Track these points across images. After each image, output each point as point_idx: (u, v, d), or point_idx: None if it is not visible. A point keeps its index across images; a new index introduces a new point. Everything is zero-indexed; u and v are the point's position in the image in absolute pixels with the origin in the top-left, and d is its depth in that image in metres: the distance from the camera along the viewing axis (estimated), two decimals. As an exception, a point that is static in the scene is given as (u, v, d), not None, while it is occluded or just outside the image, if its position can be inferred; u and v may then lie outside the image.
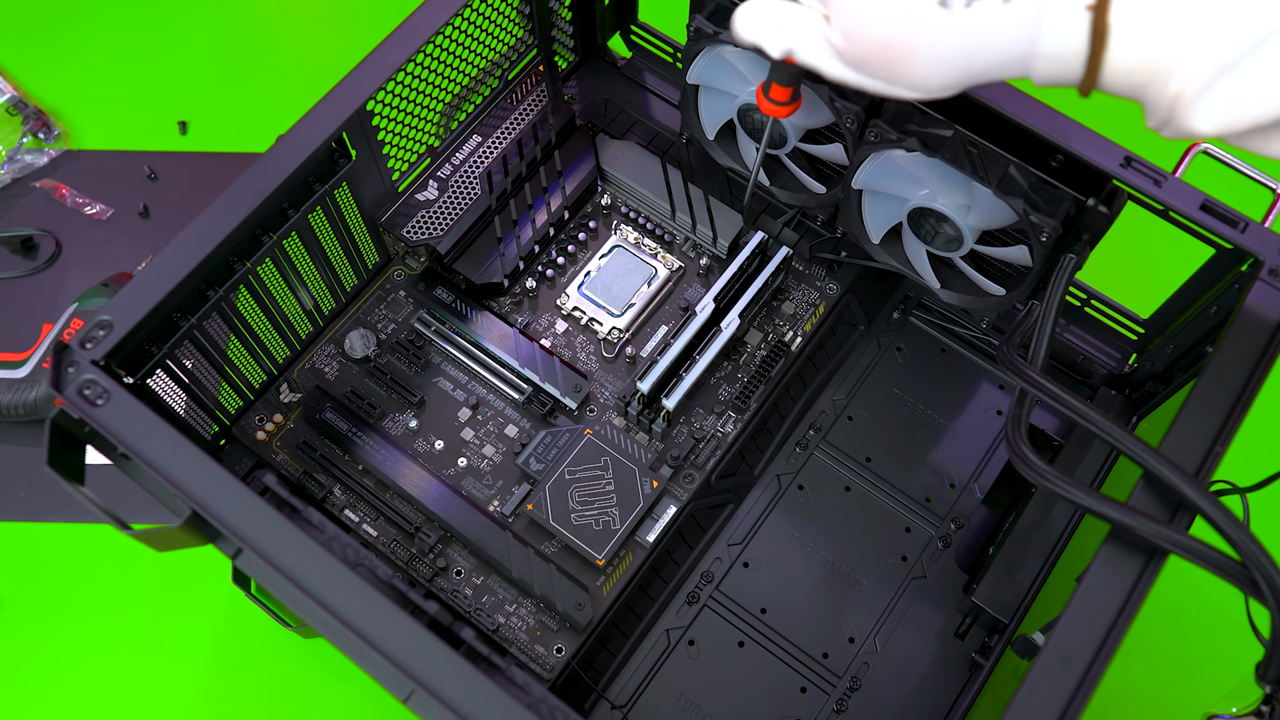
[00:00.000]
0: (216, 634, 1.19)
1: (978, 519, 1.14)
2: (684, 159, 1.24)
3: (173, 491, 0.79)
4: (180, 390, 0.99)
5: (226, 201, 0.94)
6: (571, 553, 1.05)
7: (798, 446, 1.15)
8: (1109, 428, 0.79)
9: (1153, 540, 0.76)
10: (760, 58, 1.04)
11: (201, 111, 1.47)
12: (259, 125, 1.46)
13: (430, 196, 1.14)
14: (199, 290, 0.96)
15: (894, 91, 0.71)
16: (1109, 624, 0.77)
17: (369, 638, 0.75)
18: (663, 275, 1.17)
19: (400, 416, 1.11)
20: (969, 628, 1.07)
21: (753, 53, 1.04)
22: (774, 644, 1.08)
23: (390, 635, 0.76)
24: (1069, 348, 1.16)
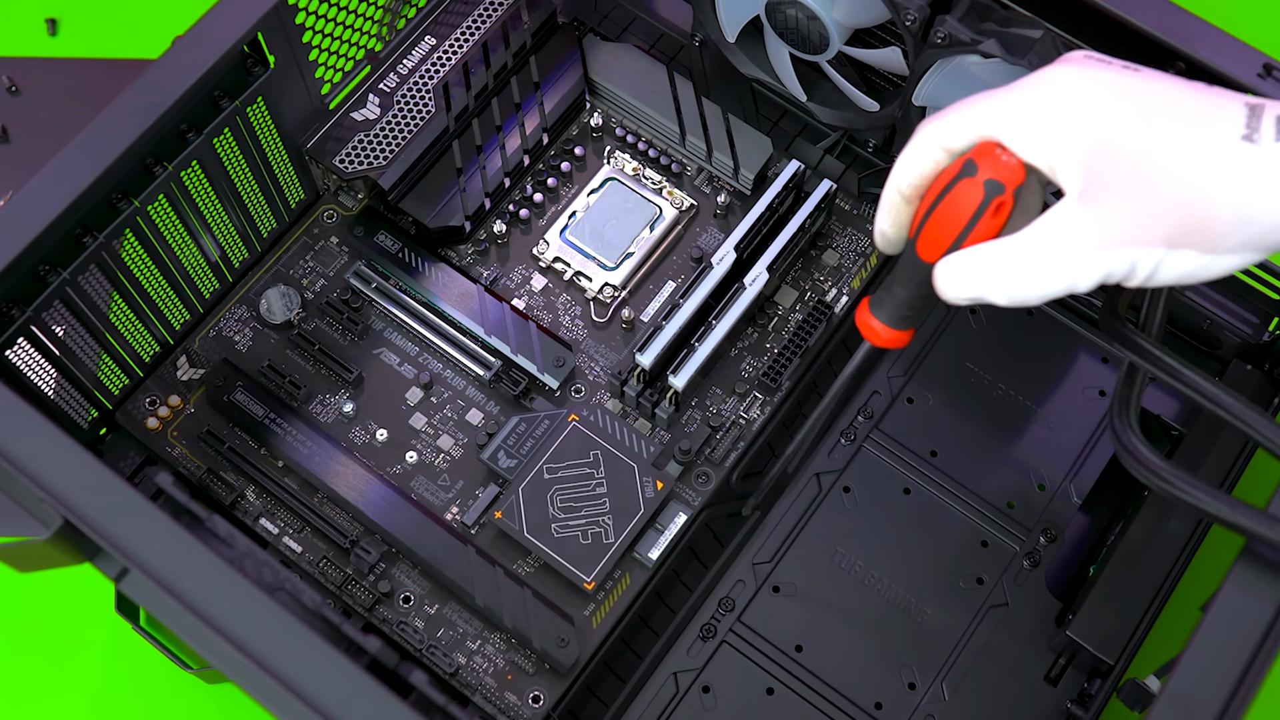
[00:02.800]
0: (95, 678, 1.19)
1: (1074, 530, 1.14)
2: (697, 66, 1.24)
3: (38, 495, 0.79)
4: (49, 365, 0.99)
5: (108, 122, 0.93)
6: (552, 574, 1.05)
7: (843, 438, 1.15)
8: (1244, 413, 0.79)
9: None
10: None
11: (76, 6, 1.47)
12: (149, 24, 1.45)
13: (370, 116, 1.13)
14: (73, 236, 0.96)
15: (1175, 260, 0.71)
16: (1243, 666, 0.76)
17: (291, 683, 0.75)
18: (669, 217, 1.17)
19: (332, 399, 1.11)
20: (1063, 670, 1.07)
21: None
22: (812, 691, 1.08)
23: (319, 680, 0.75)
24: (1192, 310, 1.16)
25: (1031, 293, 0.74)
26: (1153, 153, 0.70)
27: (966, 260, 0.76)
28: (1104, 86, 0.72)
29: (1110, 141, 0.71)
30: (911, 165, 0.78)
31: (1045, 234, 0.73)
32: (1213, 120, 0.69)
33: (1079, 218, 0.72)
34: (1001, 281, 0.75)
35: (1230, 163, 0.68)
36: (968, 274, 0.76)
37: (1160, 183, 0.69)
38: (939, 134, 0.77)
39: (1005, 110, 0.74)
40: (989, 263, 0.75)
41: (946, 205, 0.76)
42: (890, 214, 0.81)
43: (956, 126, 0.76)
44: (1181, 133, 0.69)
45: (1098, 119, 0.71)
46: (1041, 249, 0.73)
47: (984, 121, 0.75)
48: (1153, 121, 0.70)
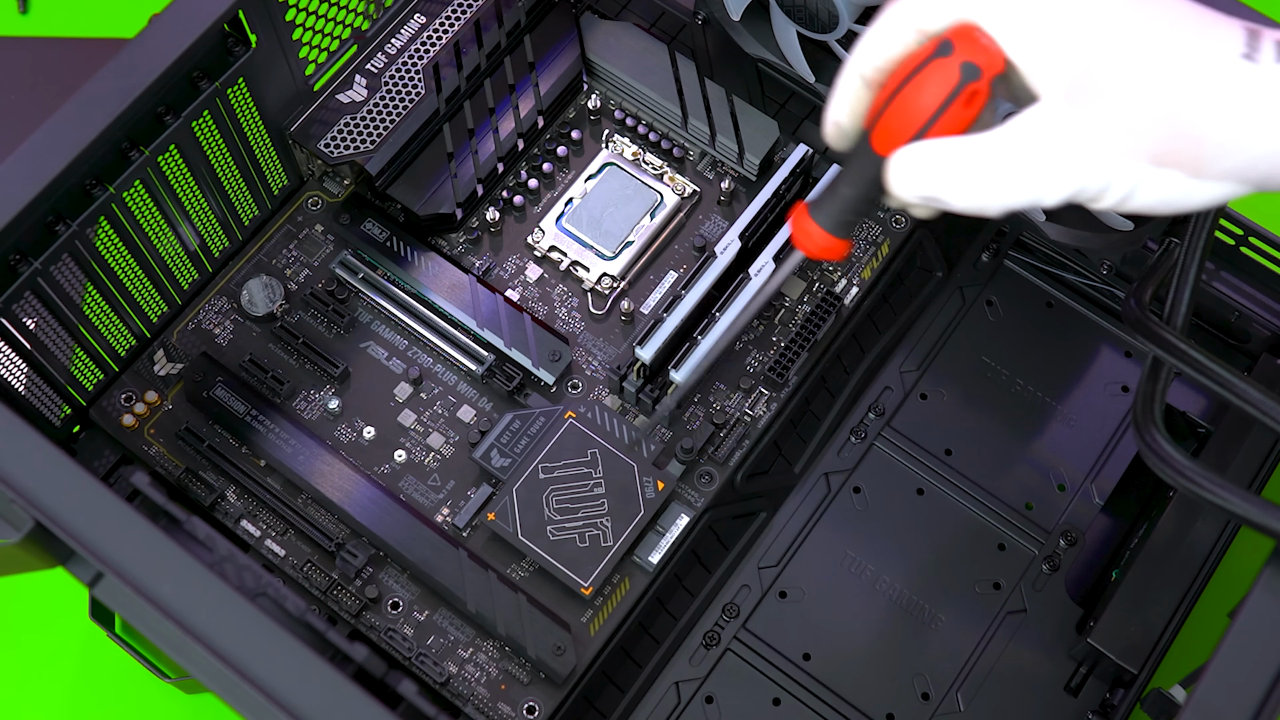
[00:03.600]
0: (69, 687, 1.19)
1: (1096, 533, 1.14)
2: (700, 46, 1.24)
3: (8, 496, 0.79)
4: (19, 359, 0.99)
5: (81, 104, 0.93)
6: (548, 578, 1.05)
7: (853, 435, 1.15)
8: (1274, 409, 0.79)
9: (1333, 562, 0.76)
10: None
11: (47, -18, 1.47)
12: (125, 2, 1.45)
13: (357, 98, 1.13)
14: (44, 224, 0.96)
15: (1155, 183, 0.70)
16: (1273, 676, 0.76)
17: (273, 693, 0.75)
18: (670, 204, 1.17)
19: (316, 395, 1.11)
20: (1084, 679, 1.08)
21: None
22: (821, 701, 1.08)
23: (303, 690, 0.75)
24: (1220, 302, 1.16)
25: (992, 198, 0.71)
26: (1149, 59, 0.68)
27: (927, 152, 0.72)
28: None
29: (1104, 43, 0.69)
30: (878, 45, 0.74)
31: (1020, 132, 0.70)
32: (1213, 35, 0.69)
33: (1060, 118, 0.69)
34: (961, 180, 0.71)
35: (1229, 79, 0.67)
36: (926, 168, 0.72)
37: (1154, 91, 0.68)
38: (914, 10, 0.73)
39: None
40: (951, 157, 0.71)
41: (912, 89, 0.72)
42: (847, 101, 0.76)
43: (936, 5, 0.72)
44: (1181, 42, 0.68)
45: (1094, 15, 0.69)
46: (1012, 148, 0.70)
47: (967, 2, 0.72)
48: (1152, 26, 0.69)
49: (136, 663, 1.09)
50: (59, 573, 0.85)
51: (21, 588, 1.21)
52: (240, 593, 0.77)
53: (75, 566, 0.83)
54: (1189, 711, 0.76)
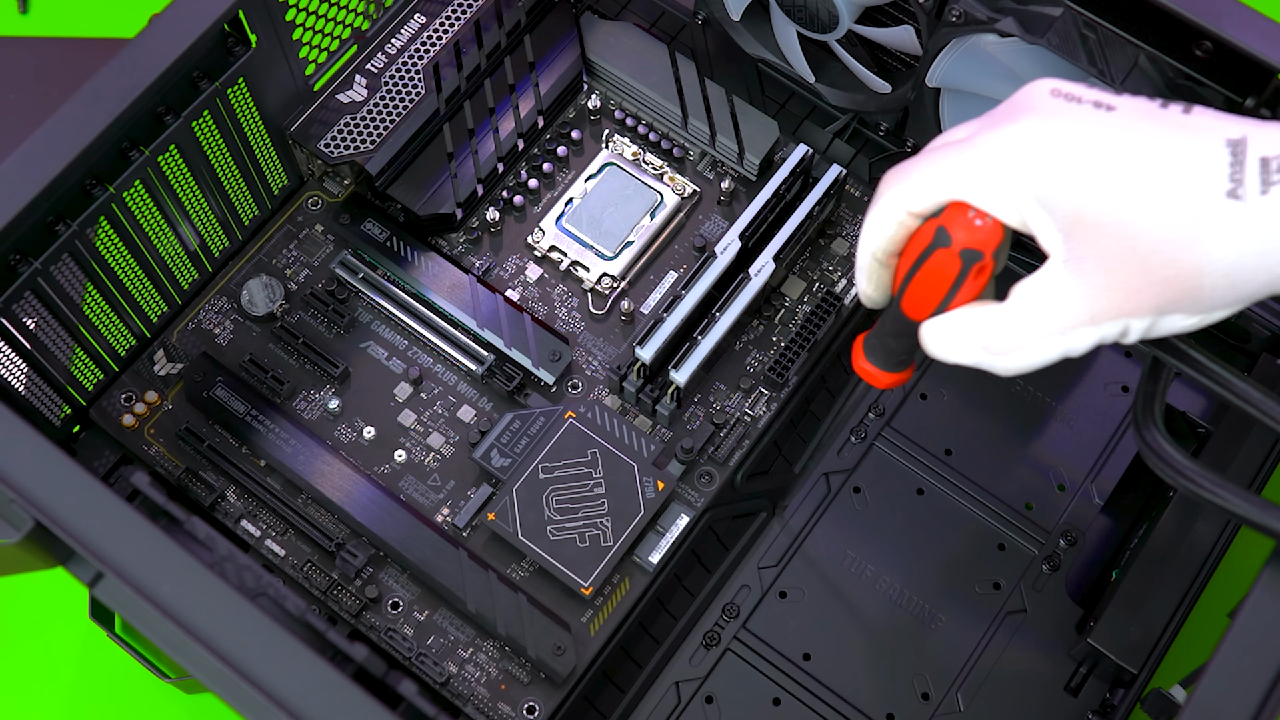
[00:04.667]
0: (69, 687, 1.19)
1: (1096, 533, 1.14)
2: (700, 46, 1.24)
3: (8, 496, 0.79)
4: (20, 359, 0.99)
5: (82, 104, 0.93)
6: (548, 578, 1.05)
7: (853, 435, 1.15)
8: (1274, 409, 0.79)
9: (1332, 562, 0.76)
10: None
11: (47, -18, 1.47)
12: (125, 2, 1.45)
13: (357, 98, 1.13)
14: (45, 224, 0.96)
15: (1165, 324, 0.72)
16: (1273, 675, 0.76)
17: (273, 693, 0.75)
18: (671, 204, 1.17)
19: (316, 394, 1.11)
20: (1084, 679, 1.08)
21: None
22: (821, 701, 1.08)
23: (303, 690, 0.75)
24: (1220, 302, 1.16)
25: (1024, 362, 0.75)
26: (1136, 224, 0.69)
27: (953, 325, 0.76)
28: (1073, 140, 0.71)
29: (1088, 209, 0.70)
30: (880, 231, 0.78)
31: (1034, 305, 0.73)
32: (1196, 176, 0.69)
33: (1066, 290, 0.72)
34: (993, 351, 0.75)
35: (1218, 227, 0.68)
36: (956, 340, 0.76)
37: (1148, 257, 0.69)
38: (903, 199, 0.76)
39: (969, 170, 0.74)
40: (977, 329, 0.75)
41: (925, 274, 0.76)
42: (868, 277, 0.81)
43: (920, 190, 0.75)
44: (1164, 197, 0.69)
45: (1071, 183, 0.70)
46: (1031, 320, 0.73)
47: (948, 184, 0.74)
48: (1132, 186, 0.69)
49: (136, 663, 1.09)
50: (59, 573, 0.86)
51: (21, 588, 1.21)
52: (240, 593, 0.77)
53: (75, 566, 0.83)
54: (1189, 711, 0.76)
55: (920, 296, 0.77)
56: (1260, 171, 0.67)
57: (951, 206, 0.74)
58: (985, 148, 0.73)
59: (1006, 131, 0.73)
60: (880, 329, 0.83)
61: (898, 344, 0.81)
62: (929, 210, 0.75)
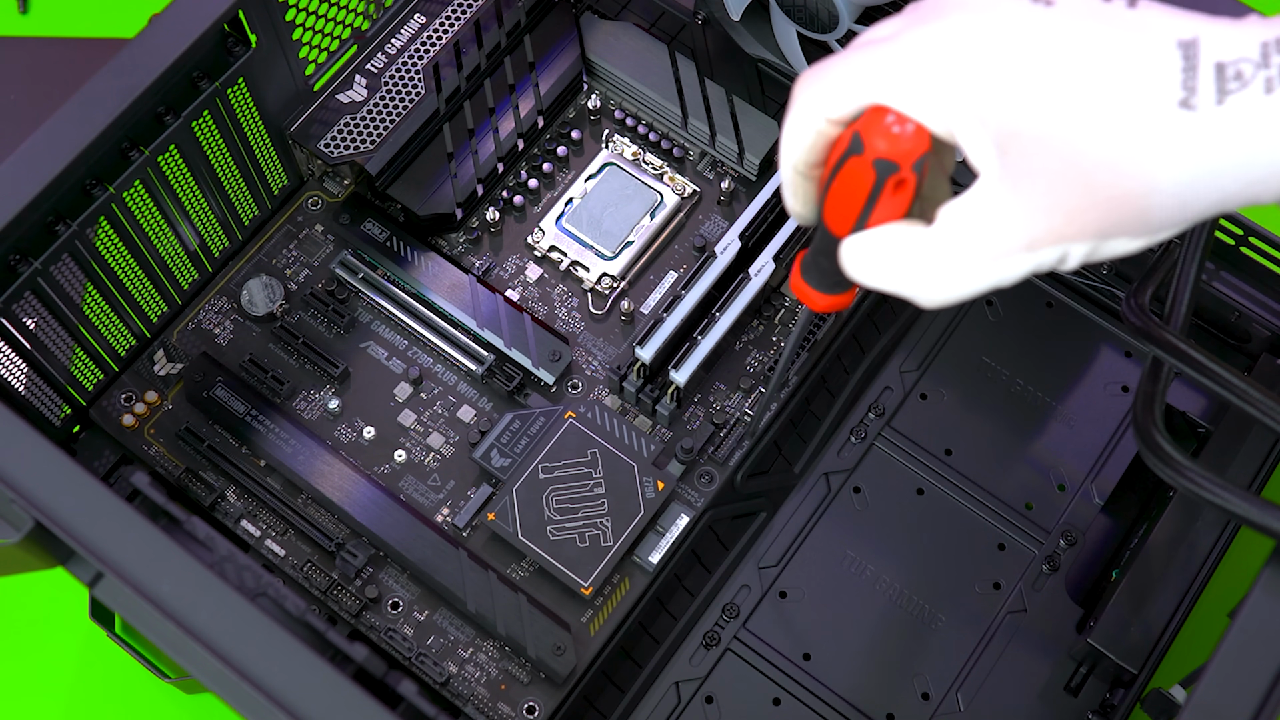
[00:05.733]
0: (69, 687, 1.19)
1: (1096, 533, 1.14)
2: (700, 46, 1.24)
3: (9, 496, 0.79)
4: (20, 359, 0.99)
5: (81, 104, 0.93)
6: (548, 578, 1.05)
7: (853, 435, 1.15)
8: (1274, 409, 0.79)
9: (1332, 562, 0.76)
10: None
11: (47, -18, 1.47)
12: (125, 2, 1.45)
13: (357, 98, 1.13)
14: (44, 224, 0.96)
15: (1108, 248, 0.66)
16: (1273, 675, 0.76)
17: (273, 693, 0.75)
18: (670, 204, 1.17)
19: (316, 394, 1.11)
20: (1084, 679, 1.08)
21: None
22: (821, 701, 1.08)
23: (303, 690, 0.75)
24: (1220, 302, 1.16)
25: (951, 293, 0.68)
26: (1079, 138, 0.64)
27: (871, 245, 0.70)
28: (1008, 41, 0.65)
29: (1025, 119, 0.64)
30: (797, 140, 0.71)
31: (962, 228, 0.67)
32: (1145, 84, 0.63)
33: (1001, 210, 0.65)
34: (914, 276, 0.69)
35: (1169, 142, 0.62)
36: (874, 262, 0.70)
37: (1091, 174, 0.64)
38: (819, 103, 0.69)
39: (890, 69, 0.67)
40: (897, 251, 0.69)
41: (839, 185, 0.69)
42: (792, 190, 0.74)
43: (836, 93, 0.69)
44: (1110, 108, 0.63)
45: (1006, 91, 0.64)
46: (959, 245, 0.67)
47: (870, 86, 0.68)
48: (1074, 95, 0.64)
49: (136, 663, 1.09)
50: (59, 573, 0.85)
51: (21, 588, 1.21)
52: (240, 593, 0.77)
53: (75, 566, 0.83)
54: (1189, 711, 0.76)
55: (838, 211, 0.70)
56: (1216, 79, 0.61)
57: (870, 111, 0.67)
58: (909, 46, 0.66)
59: (933, 28, 0.66)
60: (813, 247, 0.76)
61: (830, 263, 0.74)
62: (847, 115, 0.69)
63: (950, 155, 0.72)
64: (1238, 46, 0.61)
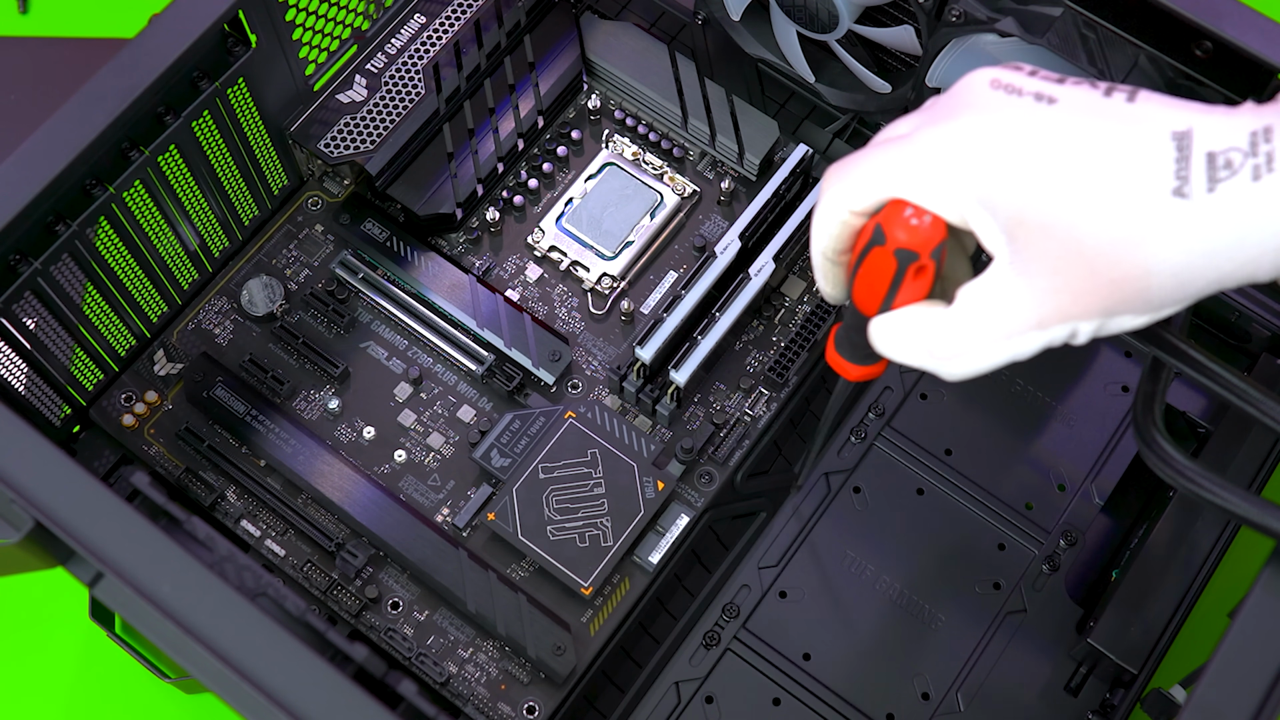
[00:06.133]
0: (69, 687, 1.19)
1: (1096, 533, 1.14)
2: (699, 46, 1.24)
3: (9, 496, 0.79)
4: (19, 359, 0.99)
5: (81, 104, 0.93)
6: (548, 578, 1.05)
7: (853, 435, 1.15)
8: (1274, 409, 0.79)
9: (1332, 562, 0.76)
10: None
11: (47, -18, 1.47)
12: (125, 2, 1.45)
13: (357, 98, 1.13)
14: (45, 224, 0.96)
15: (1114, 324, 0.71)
16: (1273, 675, 0.76)
17: (274, 693, 0.75)
18: (670, 204, 1.17)
19: (316, 394, 1.11)
20: (1084, 679, 1.08)
21: None
22: (820, 701, 1.08)
23: (303, 690, 0.75)
24: (1220, 302, 1.16)
25: (971, 366, 0.73)
26: (1080, 225, 0.68)
27: (897, 325, 0.75)
28: (1014, 138, 0.70)
29: (1030, 210, 0.69)
30: (824, 230, 0.77)
31: (979, 309, 0.72)
32: (1141, 174, 0.67)
33: (1012, 293, 0.70)
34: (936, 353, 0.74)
35: (1164, 228, 0.66)
36: (900, 341, 0.75)
37: (1094, 259, 0.68)
38: (843, 198, 0.75)
39: (907, 168, 0.72)
40: (920, 331, 0.74)
41: (864, 272, 0.75)
42: (822, 275, 0.80)
43: (860, 188, 0.74)
44: (1108, 198, 0.67)
45: (1012, 184, 0.69)
46: (976, 325, 0.72)
47: (886, 182, 0.73)
48: (1075, 186, 0.68)
49: (136, 663, 1.09)
50: (59, 573, 0.86)
51: (21, 588, 1.21)
52: (240, 593, 0.77)
53: (75, 566, 0.83)
54: (1189, 711, 0.76)
55: (865, 293, 0.76)
56: (1206, 168, 0.65)
57: (890, 205, 0.73)
58: (924, 145, 0.72)
59: (945, 129, 0.71)
60: (844, 324, 0.82)
61: (860, 338, 0.79)
62: (870, 208, 0.74)
63: (970, 237, 0.76)
64: (1228, 136, 0.65)
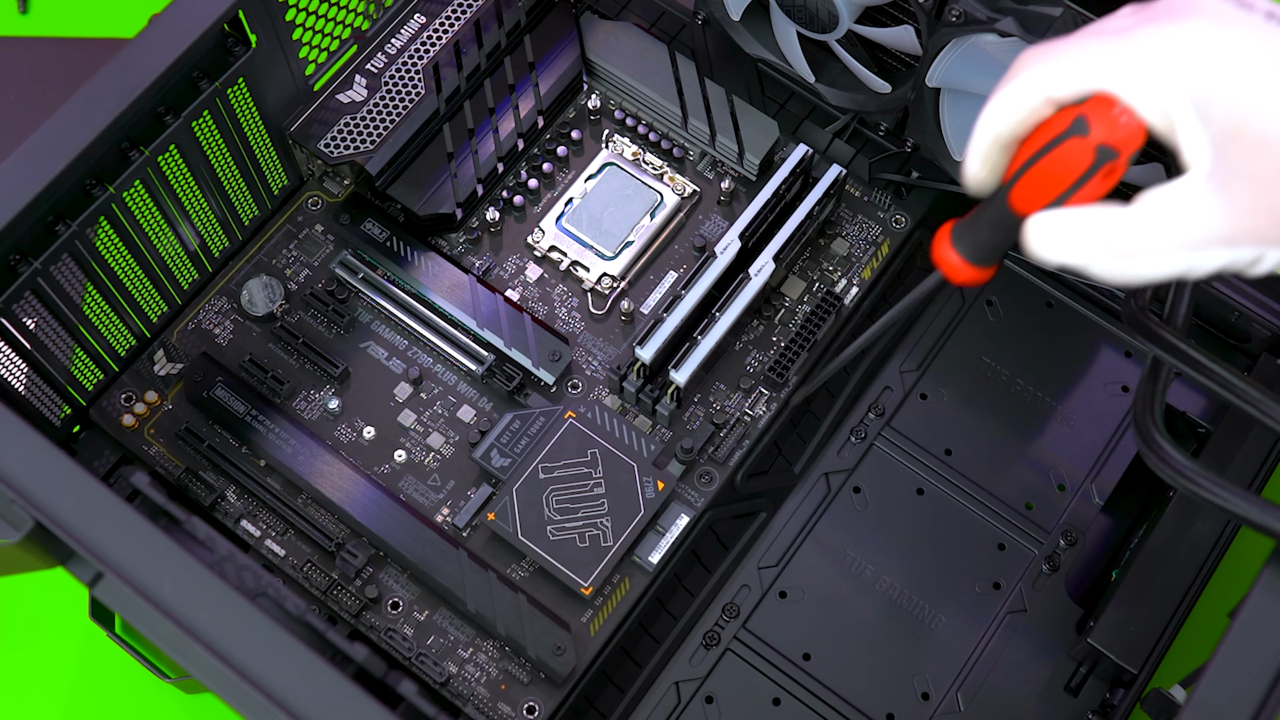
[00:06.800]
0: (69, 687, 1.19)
1: (1096, 533, 1.14)
2: (699, 46, 1.24)
3: (9, 496, 0.79)
4: (19, 359, 0.99)
5: (81, 104, 0.93)
6: (548, 578, 1.05)
7: (853, 435, 1.15)
8: (1274, 409, 0.79)
9: (1332, 562, 0.76)
10: None
11: (47, -18, 1.47)
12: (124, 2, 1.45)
13: (357, 98, 1.13)
14: (45, 224, 0.96)
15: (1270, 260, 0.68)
16: (1273, 675, 0.76)
17: (273, 693, 0.75)
18: (671, 204, 1.17)
19: (317, 394, 1.11)
20: (1084, 679, 1.08)
21: None
22: (821, 701, 1.08)
23: (302, 690, 0.75)
24: (1219, 302, 1.16)
25: (1140, 272, 0.69)
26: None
27: (1068, 222, 0.70)
28: (1244, 49, 0.66)
29: (1250, 124, 0.65)
30: (1009, 111, 0.72)
31: (1166, 214, 0.68)
32: None
33: (1208, 204, 0.67)
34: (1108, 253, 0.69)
35: None
36: (1068, 238, 0.70)
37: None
38: (1045, 81, 0.70)
39: (1127, 63, 0.68)
40: (1094, 229, 0.69)
41: (1049, 162, 0.70)
42: (983, 159, 0.74)
43: (1067, 75, 0.69)
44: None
45: (1238, 94, 0.65)
46: (1160, 229, 0.68)
47: (1101, 74, 0.68)
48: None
49: (136, 663, 1.09)
50: (59, 573, 0.85)
51: (21, 588, 1.21)
52: (240, 593, 0.77)
53: (75, 566, 0.83)
54: (1189, 711, 0.76)
55: (1036, 188, 0.71)
56: None
57: (1097, 98, 0.69)
58: (1148, 42, 0.68)
59: (1174, 29, 0.67)
60: (977, 216, 0.76)
61: (992, 235, 0.75)
62: (1071, 98, 0.70)
63: None
64: None
